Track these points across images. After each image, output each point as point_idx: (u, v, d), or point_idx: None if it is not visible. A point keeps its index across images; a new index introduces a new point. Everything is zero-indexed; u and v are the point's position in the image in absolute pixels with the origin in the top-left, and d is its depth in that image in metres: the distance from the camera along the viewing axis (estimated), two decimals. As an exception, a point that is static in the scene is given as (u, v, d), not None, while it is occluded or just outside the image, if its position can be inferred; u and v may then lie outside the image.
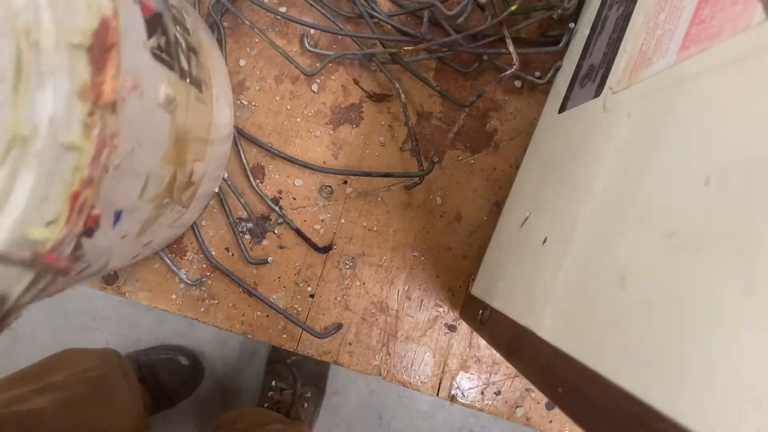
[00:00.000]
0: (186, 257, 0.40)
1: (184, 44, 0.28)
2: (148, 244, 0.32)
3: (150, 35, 0.23)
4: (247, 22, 0.39)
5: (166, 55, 0.25)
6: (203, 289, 0.40)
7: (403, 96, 0.39)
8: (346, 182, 0.41)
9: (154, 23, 0.24)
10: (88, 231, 0.21)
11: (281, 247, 0.41)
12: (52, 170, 0.18)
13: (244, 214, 0.41)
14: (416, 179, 0.39)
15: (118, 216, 0.24)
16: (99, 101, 0.19)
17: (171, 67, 0.25)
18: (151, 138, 0.24)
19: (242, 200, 0.40)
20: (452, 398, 0.41)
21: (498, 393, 0.41)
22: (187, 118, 0.28)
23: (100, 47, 0.19)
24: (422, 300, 0.41)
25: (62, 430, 0.53)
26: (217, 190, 0.39)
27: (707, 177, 0.16)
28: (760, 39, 0.16)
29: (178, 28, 0.28)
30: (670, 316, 0.16)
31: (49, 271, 0.19)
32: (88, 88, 0.19)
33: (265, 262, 0.40)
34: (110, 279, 0.40)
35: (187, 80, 0.28)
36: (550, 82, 0.40)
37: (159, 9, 0.25)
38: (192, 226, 0.40)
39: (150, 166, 0.25)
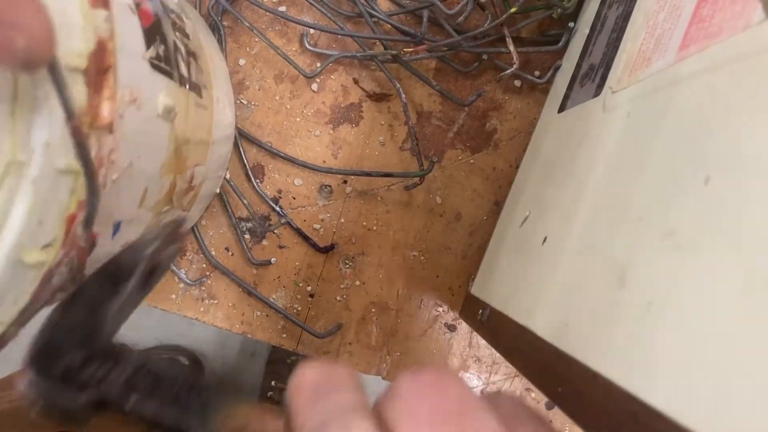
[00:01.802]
0: (186, 257, 0.40)
1: (183, 50, 0.28)
2: None
3: (149, 45, 0.23)
4: (246, 23, 0.39)
5: (165, 63, 0.25)
6: (203, 288, 0.40)
7: (403, 95, 0.39)
8: (345, 182, 0.41)
9: (152, 32, 0.24)
10: (87, 249, 0.21)
11: (281, 247, 0.41)
12: (47, 195, 0.18)
13: (244, 214, 0.41)
14: (416, 179, 0.39)
15: (117, 227, 0.24)
16: (95, 123, 0.19)
17: (170, 76, 0.25)
18: (150, 149, 0.24)
19: (245, 201, 0.40)
20: (452, 398, 0.41)
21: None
22: (186, 125, 0.28)
23: (97, 69, 0.19)
24: (422, 300, 0.41)
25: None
26: (218, 190, 0.39)
27: (707, 176, 0.16)
28: (760, 38, 0.16)
29: (177, 33, 0.27)
30: (669, 315, 0.16)
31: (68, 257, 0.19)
32: (85, 111, 0.18)
33: (268, 263, 0.40)
34: (110, 279, 0.40)
35: (187, 86, 0.28)
36: (549, 82, 0.40)
37: (158, 16, 0.25)
38: (192, 226, 0.40)
39: (149, 176, 0.25)
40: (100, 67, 0.19)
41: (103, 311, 0.18)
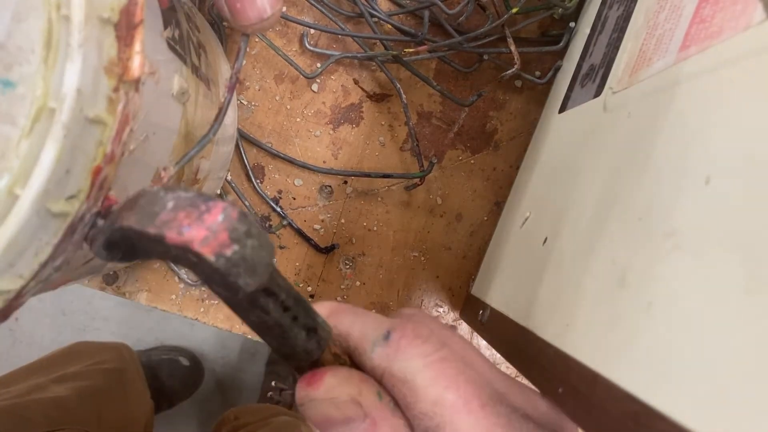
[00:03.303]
0: (186, 257, 0.40)
1: (195, 40, 0.28)
2: None
3: (166, 26, 0.24)
4: (247, 22, 0.39)
5: (180, 47, 0.25)
6: (203, 289, 0.40)
7: (404, 96, 0.38)
8: (346, 182, 0.41)
9: (169, 15, 0.24)
10: (105, 213, 0.22)
11: (281, 247, 0.41)
12: (76, 143, 0.18)
13: (244, 214, 0.41)
14: (417, 180, 0.39)
15: None
16: (125, 76, 0.19)
17: (184, 61, 0.26)
18: (164, 128, 0.25)
19: (245, 201, 0.40)
20: (452, 398, 0.41)
21: (498, 393, 0.41)
22: (196, 114, 0.28)
23: (128, 24, 0.19)
24: (422, 300, 0.41)
25: (83, 417, 0.54)
26: (219, 192, 0.39)
27: (707, 177, 0.16)
28: (761, 39, 0.16)
29: (190, 24, 0.28)
30: (670, 315, 0.16)
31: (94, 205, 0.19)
32: (115, 62, 0.19)
33: (267, 263, 0.40)
34: (110, 279, 0.40)
35: (197, 75, 0.28)
36: (550, 82, 0.40)
37: (173, 2, 0.25)
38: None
39: (160, 156, 0.25)
40: (130, 21, 0.19)
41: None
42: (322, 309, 0.19)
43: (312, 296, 0.41)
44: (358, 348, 0.18)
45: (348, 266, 0.41)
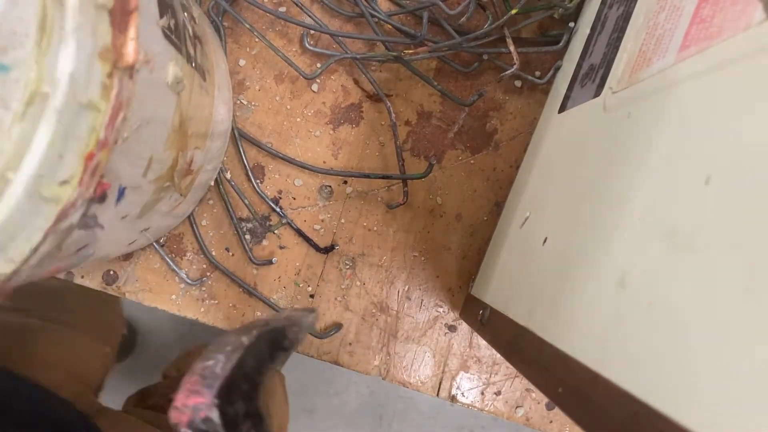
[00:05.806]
0: (186, 257, 0.40)
1: (191, 31, 0.28)
2: (145, 230, 0.32)
3: (161, 15, 0.24)
4: (246, 25, 0.39)
5: (175, 37, 0.25)
6: (203, 289, 0.40)
7: (393, 115, 0.39)
8: (346, 182, 0.41)
9: (164, 4, 0.24)
10: (99, 198, 0.22)
11: (281, 247, 0.41)
12: (69, 128, 0.18)
13: (244, 214, 0.41)
14: (401, 200, 0.40)
15: (121, 192, 0.24)
16: (119, 63, 0.19)
17: (179, 50, 0.26)
18: (158, 117, 0.24)
19: (246, 201, 0.40)
20: (452, 398, 0.41)
21: (498, 393, 0.41)
22: (190, 104, 0.28)
23: (123, 10, 0.19)
24: (422, 300, 0.41)
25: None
26: (213, 183, 0.39)
27: (707, 177, 0.16)
28: (761, 39, 0.16)
29: (185, 14, 0.28)
30: (670, 315, 0.16)
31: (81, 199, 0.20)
32: (109, 48, 0.19)
33: (270, 263, 0.40)
34: (110, 279, 0.40)
35: (192, 65, 0.28)
36: (550, 82, 0.40)
37: None
38: (192, 226, 0.40)
39: (154, 145, 0.25)
40: (125, 8, 0.19)
41: (263, 371, 0.20)
42: None
43: (312, 296, 0.41)
44: None
45: (348, 266, 0.41)
